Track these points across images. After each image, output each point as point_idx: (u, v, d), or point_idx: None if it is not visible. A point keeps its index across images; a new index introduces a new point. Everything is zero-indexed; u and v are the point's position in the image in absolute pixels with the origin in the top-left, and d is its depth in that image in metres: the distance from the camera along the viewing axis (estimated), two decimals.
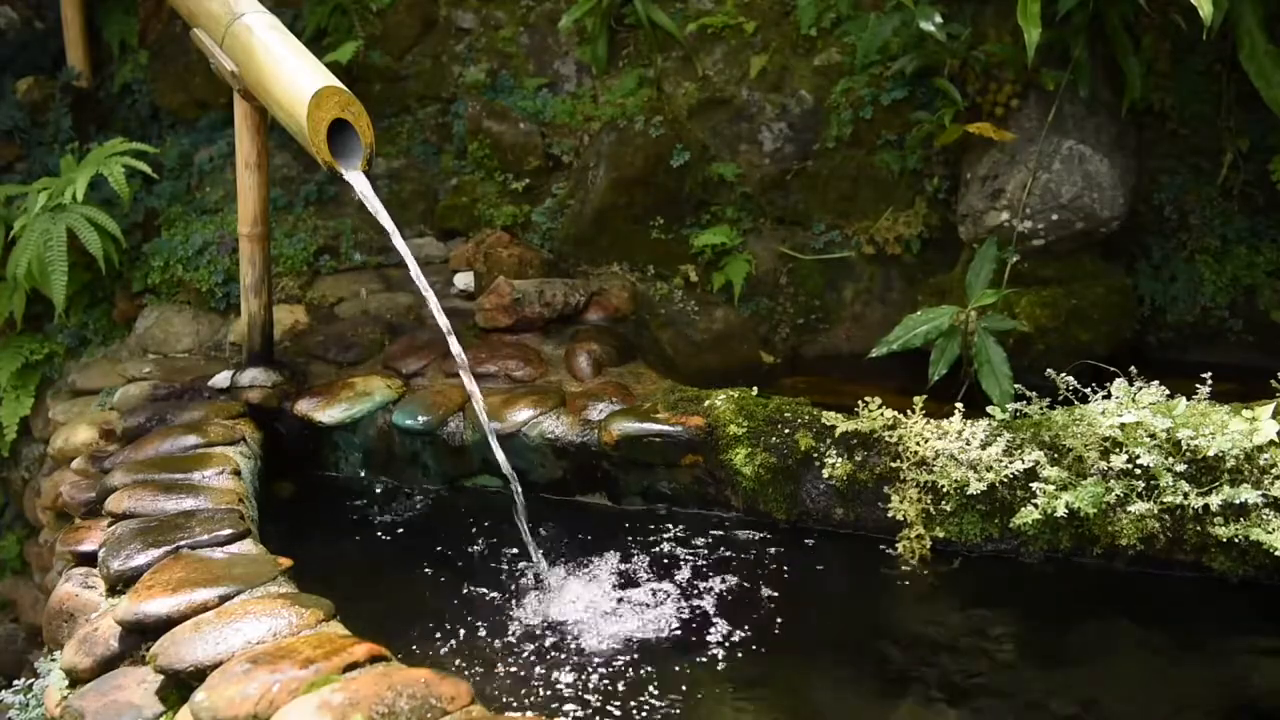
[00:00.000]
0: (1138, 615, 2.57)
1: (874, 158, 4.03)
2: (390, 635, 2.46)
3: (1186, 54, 3.72)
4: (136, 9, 4.85)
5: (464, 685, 1.84)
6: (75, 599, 2.50)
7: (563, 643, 2.48)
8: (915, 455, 2.83)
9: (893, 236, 4.01)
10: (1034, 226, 3.55)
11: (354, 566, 2.95)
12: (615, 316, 3.91)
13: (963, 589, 2.73)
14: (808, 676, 2.39)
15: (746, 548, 2.93)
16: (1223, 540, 2.53)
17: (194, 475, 2.85)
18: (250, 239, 3.46)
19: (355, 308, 4.05)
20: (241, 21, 3.15)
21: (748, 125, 4.21)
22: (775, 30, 4.24)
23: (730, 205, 4.20)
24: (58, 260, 3.80)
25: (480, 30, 4.68)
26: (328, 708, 1.74)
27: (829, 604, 2.66)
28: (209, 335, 4.08)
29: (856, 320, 4.14)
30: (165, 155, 4.49)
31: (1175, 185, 3.83)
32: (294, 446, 3.44)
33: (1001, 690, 2.33)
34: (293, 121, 2.93)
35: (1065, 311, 3.55)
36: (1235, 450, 2.51)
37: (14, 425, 4.23)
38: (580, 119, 4.41)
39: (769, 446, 2.99)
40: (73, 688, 2.21)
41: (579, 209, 4.18)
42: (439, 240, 4.41)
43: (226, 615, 2.11)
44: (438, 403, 3.36)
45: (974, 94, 3.65)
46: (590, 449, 3.15)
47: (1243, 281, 3.75)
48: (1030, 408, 2.90)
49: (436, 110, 4.67)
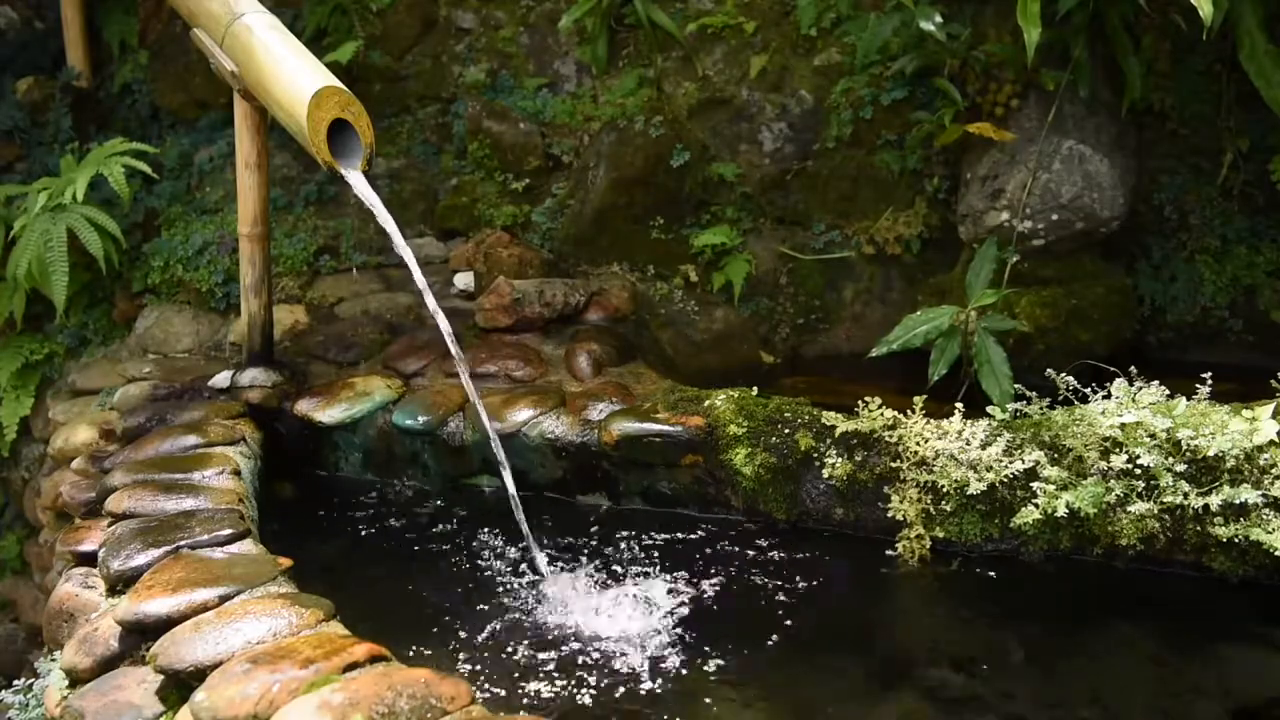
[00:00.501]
0: (1138, 615, 2.57)
1: (874, 158, 4.04)
2: (390, 635, 2.46)
3: (1186, 54, 3.72)
4: (136, 9, 4.85)
5: (464, 685, 1.84)
6: (75, 599, 2.50)
7: (563, 642, 2.48)
8: (915, 455, 2.83)
9: (893, 236, 4.01)
10: (1034, 226, 3.55)
11: (354, 566, 2.95)
12: (615, 316, 3.91)
13: (963, 589, 2.73)
14: (807, 676, 2.39)
15: (746, 548, 2.93)
16: (1223, 540, 2.53)
17: (194, 475, 2.86)
18: (250, 239, 3.46)
19: (355, 308, 4.05)
20: (241, 21, 3.15)
21: (748, 125, 4.21)
22: (775, 30, 4.24)
23: (730, 205, 4.20)
24: (58, 260, 3.80)
25: (480, 30, 4.68)
26: (328, 708, 1.74)
27: (829, 604, 2.66)
28: (209, 335, 4.08)
29: (856, 320, 4.14)
30: (165, 155, 4.49)
31: (1175, 185, 3.83)
32: (294, 446, 3.44)
33: (1001, 690, 2.33)
34: (293, 121, 2.93)
35: (1065, 311, 3.55)
36: (1235, 450, 2.51)
37: (14, 425, 4.23)
38: (580, 119, 4.41)
39: (769, 446, 2.99)
40: (73, 688, 2.21)
41: (579, 209, 4.18)
42: (439, 240, 4.40)
43: (226, 615, 2.11)
44: (438, 403, 3.36)
45: (974, 94, 3.65)
46: (590, 449, 3.15)
47: (1243, 281, 3.75)
48: (1030, 408, 2.90)
49: (436, 110, 4.67)
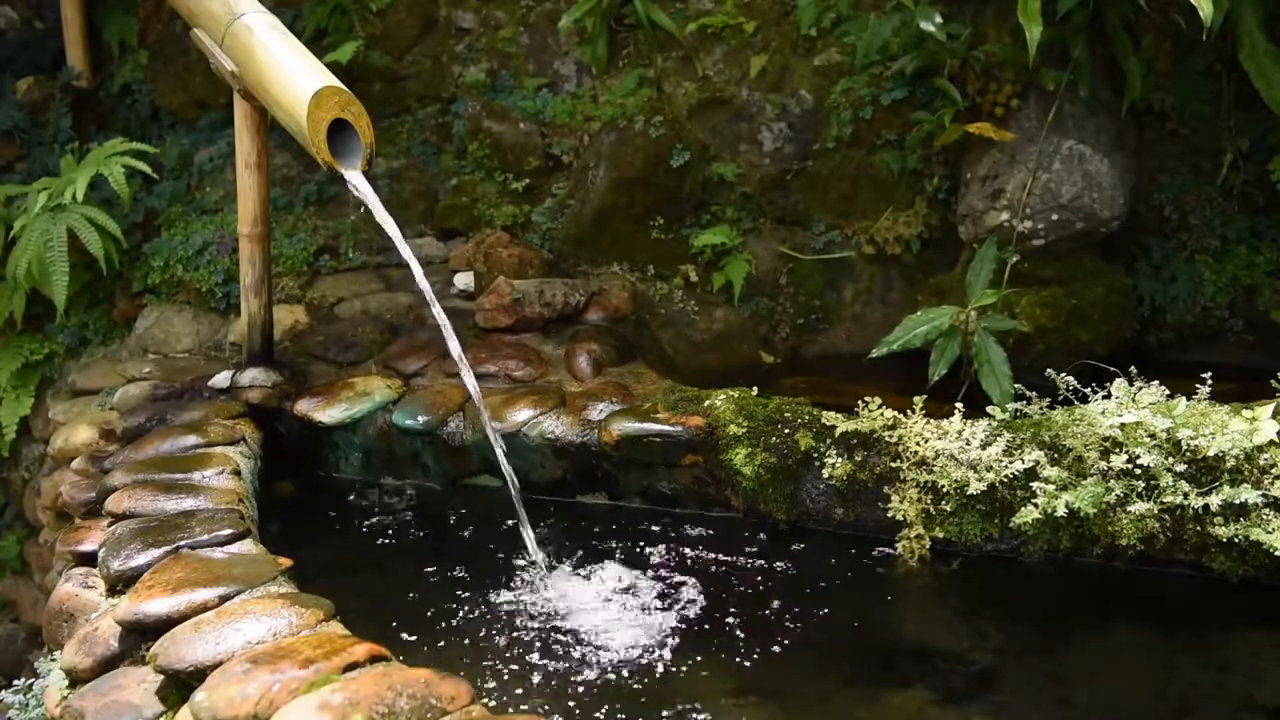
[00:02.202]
0: (1137, 615, 2.57)
1: (874, 158, 4.03)
2: (390, 635, 2.47)
3: (1186, 54, 3.72)
4: (136, 9, 4.84)
5: (464, 685, 1.84)
6: (75, 599, 2.50)
7: (563, 642, 2.48)
8: (915, 455, 2.83)
9: (893, 236, 4.01)
10: (1034, 226, 3.55)
11: (354, 566, 2.95)
12: (615, 316, 3.91)
13: (962, 589, 2.73)
14: (807, 676, 2.39)
15: (746, 548, 2.93)
16: (1223, 540, 2.53)
17: (194, 475, 2.86)
18: (250, 239, 3.46)
19: (355, 308, 4.05)
20: (241, 21, 3.15)
21: (748, 125, 4.20)
22: (775, 30, 4.24)
23: (730, 205, 4.20)
24: (58, 260, 3.80)
25: (480, 30, 4.68)
26: (328, 708, 1.74)
27: (828, 604, 2.65)
28: (209, 335, 4.07)
29: (856, 320, 4.14)
30: (165, 155, 4.48)
31: (1175, 185, 3.83)
32: (294, 446, 3.44)
33: (1001, 690, 2.33)
34: (293, 121, 2.93)
35: (1065, 311, 3.55)
36: (1235, 450, 2.51)
37: (14, 425, 4.23)
38: (580, 119, 4.40)
39: (769, 446, 2.99)
40: (73, 688, 2.21)
41: (579, 209, 4.18)
42: (439, 240, 4.40)
43: (226, 615, 2.11)
44: (438, 403, 3.36)
45: (974, 94, 3.65)
46: (590, 449, 3.15)
47: (1243, 281, 3.75)
48: (1030, 408, 2.90)
49: (436, 110, 4.67)
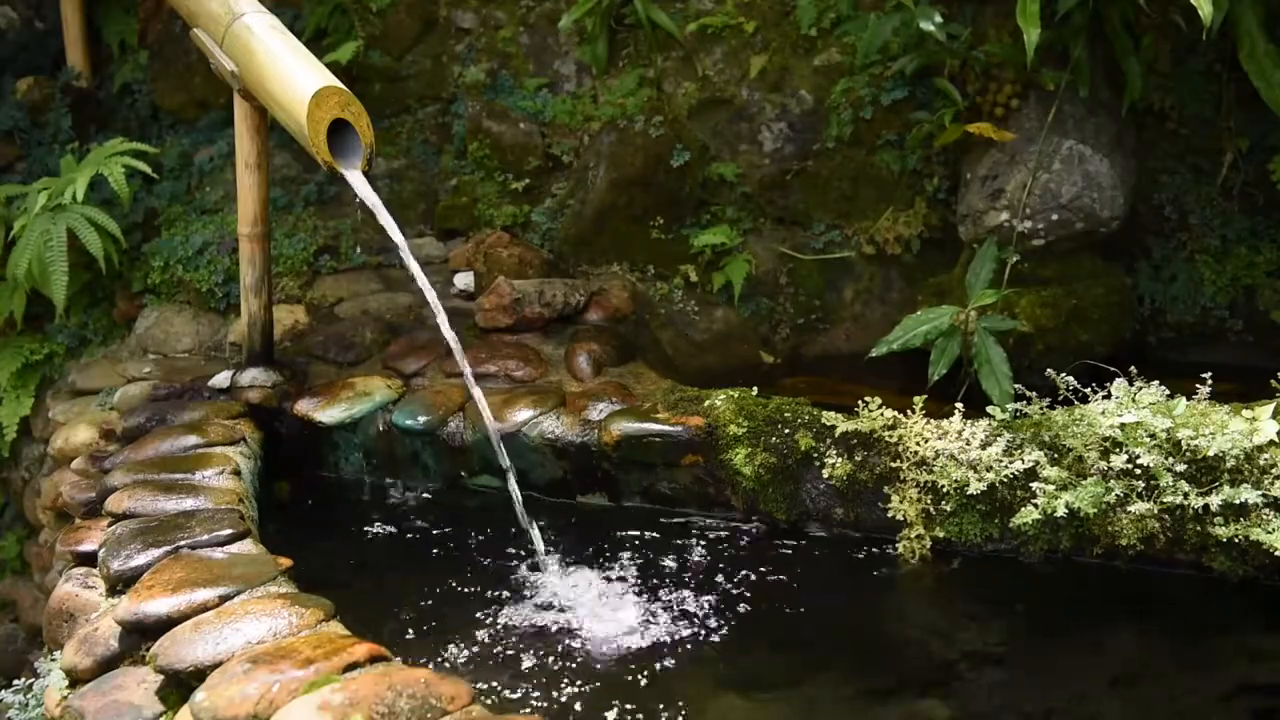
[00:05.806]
0: (1137, 615, 2.57)
1: (874, 158, 4.03)
2: (390, 635, 2.47)
3: (1186, 54, 3.72)
4: (136, 9, 4.84)
5: (464, 685, 1.84)
6: (75, 599, 2.50)
7: (563, 642, 2.48)
8: (915, 455, 2.83)
9: (893, 236, 4.01)
10: (1034, 226, 3.55)
11: (354, 566, 2.95)
12: (615, 316, 3.91)
13: (963, 589, 2.73)
14: (806, 676, 2.39)
15: (746, 547, 2.93)
16: (1223, 540, 2.53)
17: (194, 475, 2.86)
18: (250, 239, 3.46)
19: (355, 308, 4.05)
20: (241, 21, 3.15)
21: (748, 125, 4.20)
22: (775, 30, 4.24)
23: (730, 205, 4.19)
24: (58, 260, 3.80)
25: (480, 30, 4.68)
26: (328, 708, 1.74)
27: (829, 604, 2.66)
28: (209, 335, 4.08)
29: (856, 320, 4.13)
30: (165, 155, 4.48)
31: (1175, 185, 3.83)
32: (294, 446, 3.44)
33: (1001, 690, 2.33)
34: (293, 121, 2.93)
35: (1065, 311, 3.55)
36: (1235, 450, 2.51)
37: (14, 425, 4.23)
38: (580, 119, 4.40)
39: (769, 446, 2.99)
40: (73, 688, 2.21)
41: (579, 209, 4.18)
42: (439, 240, 4.40)
43: (226, 615, 2.11)
44: (438, 403, 3.36)
45: (974, 94, 3.65)
46: (590, 449, 3.16)
47: (1243, 281, 3.74)
48: (1030, 408, 2.89)
49: (436, 110, 4.67)
